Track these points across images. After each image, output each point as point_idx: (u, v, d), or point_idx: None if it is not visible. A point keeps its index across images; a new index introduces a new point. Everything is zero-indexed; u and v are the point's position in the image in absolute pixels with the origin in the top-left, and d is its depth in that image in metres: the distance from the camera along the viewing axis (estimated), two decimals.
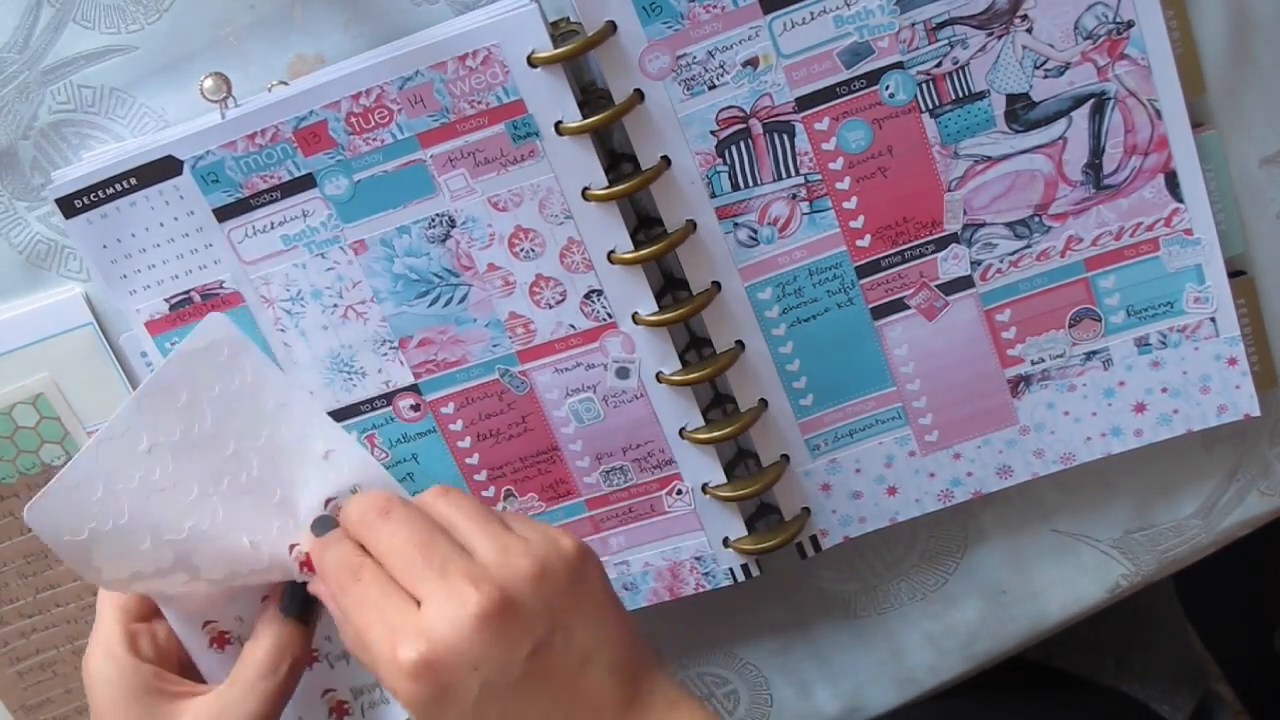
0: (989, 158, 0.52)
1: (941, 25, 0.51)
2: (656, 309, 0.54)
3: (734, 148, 0.53)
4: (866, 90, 0.52)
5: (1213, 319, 0.54)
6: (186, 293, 0.56)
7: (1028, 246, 0.54)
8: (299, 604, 0.50)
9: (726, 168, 0.53)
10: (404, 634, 0.42)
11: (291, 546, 0.50)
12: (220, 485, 0.49)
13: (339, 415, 0.57)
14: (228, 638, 0.51)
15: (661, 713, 0.44)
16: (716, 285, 0.55)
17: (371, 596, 0.44)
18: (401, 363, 0.56)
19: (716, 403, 0.58)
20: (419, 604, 0.43)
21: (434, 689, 0.42)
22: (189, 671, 0.51)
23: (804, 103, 0.52)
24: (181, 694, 0.49)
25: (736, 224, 0.54)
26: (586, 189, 0.53)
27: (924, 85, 0.52)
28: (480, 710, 0.42)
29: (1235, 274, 0.54)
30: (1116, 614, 0.63)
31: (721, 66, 0.51)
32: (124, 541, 0.47)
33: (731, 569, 0.59)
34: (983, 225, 0.54)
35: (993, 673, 0.63)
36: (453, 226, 0.54)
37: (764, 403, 0.56)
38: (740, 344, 0.55)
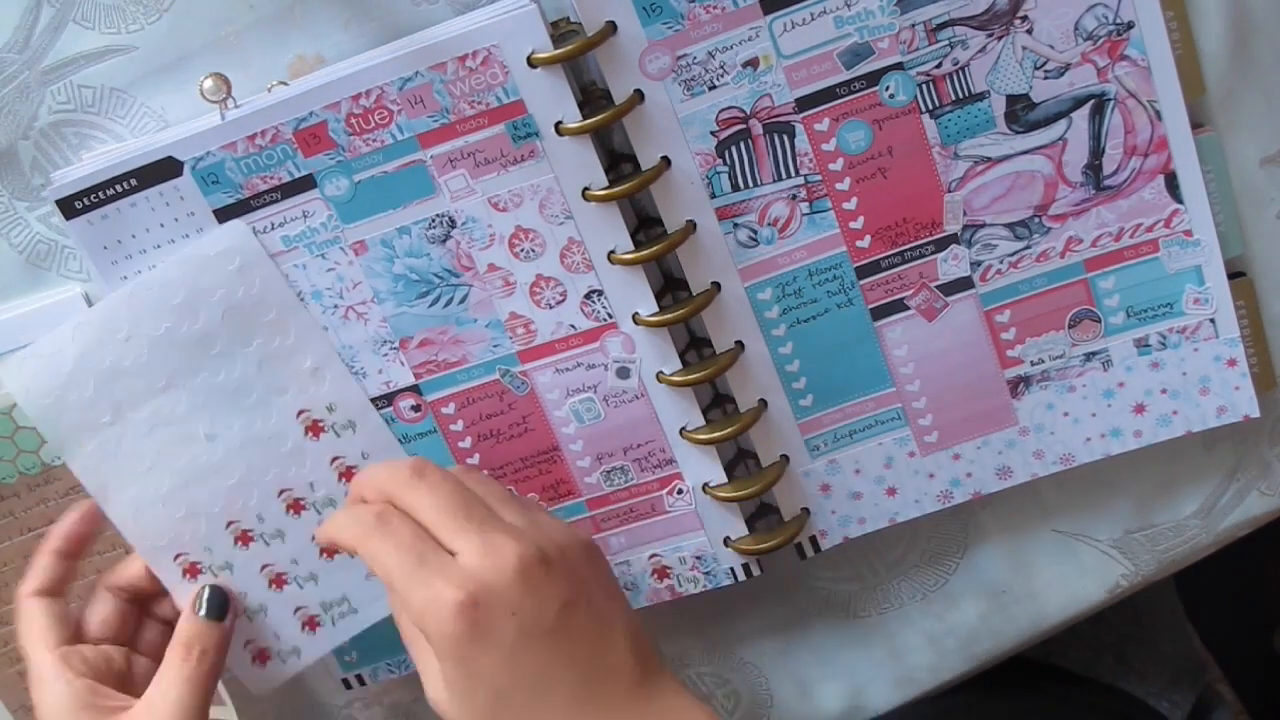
0: (989, 159, 0.52)
1: (941, 26, 0.51)
2: (657, 309, 0.54)
3: (734, 148, 0.53)
4: (866, 91, 0.52)
5: (1212, 320, 0.54)
6: None
7: (1027, 247, 0.54)
8: (216, 605, 0.55)
9: (726, 168, 0.53)
10: (446, 577, 0.45)
11: (334, 459, 0.55)
12: (193, 379, 0.53)
13: None
14: (199, 568, 0.56)
15: (670, 697, 0.48)
16: (716, 285, 0.55)
17: (406, 541, 0.47)
18: (402, 363, 0.56)
19: (716, 403, 0.58)
20: (453, 555, 0.47)
21: (475, 628, 0.45)
22: (125, 683, 0.55)
23: (804, 103, 0.52)
24: (115, 708, 0.52)
25: (736, 224, 0.54)
26: (587, 189, 0.53)
27: (924, 86, 0.52)
28: (514, 654, 0.45)
29: (1234, 275, 0.54)
30: (1116, 611, 0.63)
31: (722, 67, 0.51)
32: (86, 412, 0.53)
33: (732, 569, 0.59)
34: (982, 226, 0.54)
35: (991, 670, 0.63)
36: (453, 227, 0.54)
37: (764, 403, 0.56)
38: (740, 344, 0.55)
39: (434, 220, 0.54)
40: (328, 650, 0.59)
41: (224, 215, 0.54)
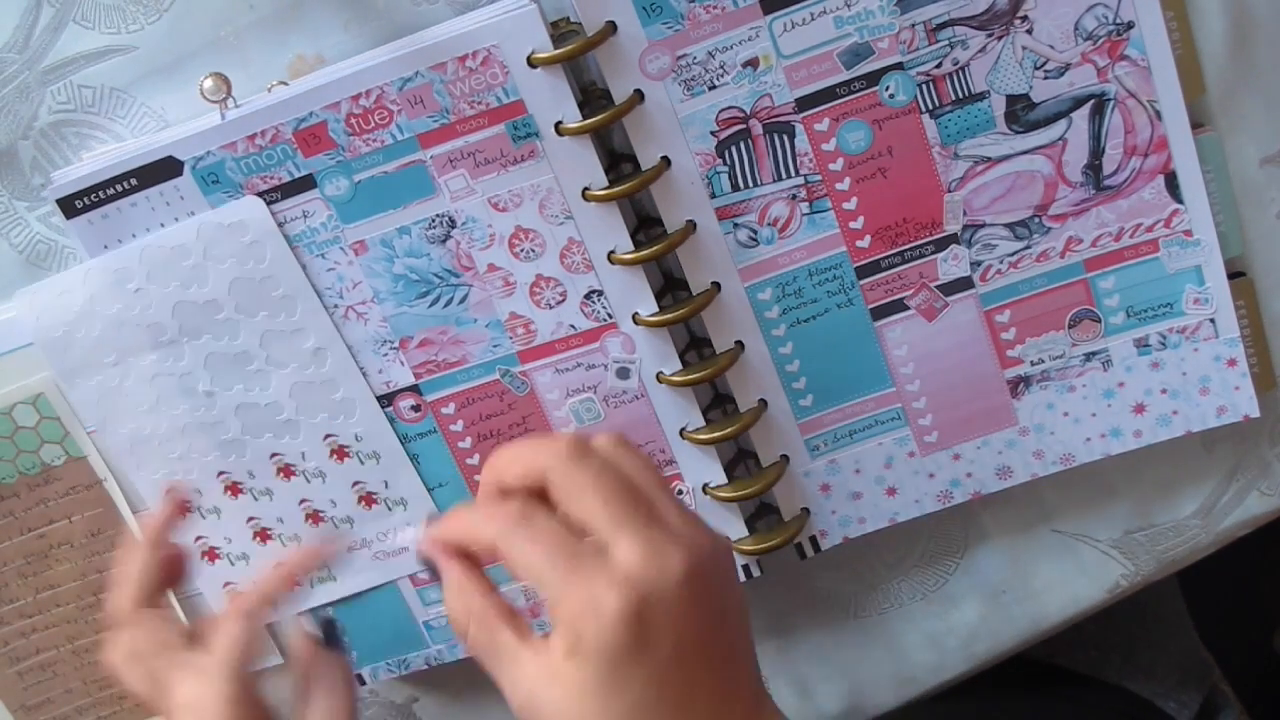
0: (989, 158, 0.52)
1: (941, 26, 0.51)
2: (657, 309, 0.54)
3: (734, 148, 0.53)
4: (866, 91, 0.52)
5: (1212, 320, 0.54)
6: None
7: (1027, 247, 0.54)
8: (331, 631, 0.53)
9: (726, 168, 0.53)
10: (607, 580, 0.40)
11: (327, 436, 0.56)
12: (197, 339, 0.55)
13: None
14: (188, 506, 0.59)
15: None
16: (716, 285, 0.55)
17: (556, 540, 0.42)
18: (402, 363, 0.56)
19: (716, 403, 0.58)
20: (607, 548, 0.41)
21: (637, 640, 0.40)
22: None
23: (804, 103, 0.52)
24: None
25: (736, 224, 0.54)
26: (586, 189, 0.53)
27: (924, 86, 0.52)
28: (667, 670, 0.40)
29: (1234, 275, 0.54)
30: (1122, 611, 0.63)
31: (721, 67, 0.51)
32: (91, 351, 0.56)
33: None
34: (982, 226, 0.54)
35: (996, 671, 0.63)
36: (453, 227, 0.54)
37: (764, 403, 0.56)
38: (740, 344, 0.55)
39: (434, 220, 0.54)
40: (302, 609, 0.60)
41: None
